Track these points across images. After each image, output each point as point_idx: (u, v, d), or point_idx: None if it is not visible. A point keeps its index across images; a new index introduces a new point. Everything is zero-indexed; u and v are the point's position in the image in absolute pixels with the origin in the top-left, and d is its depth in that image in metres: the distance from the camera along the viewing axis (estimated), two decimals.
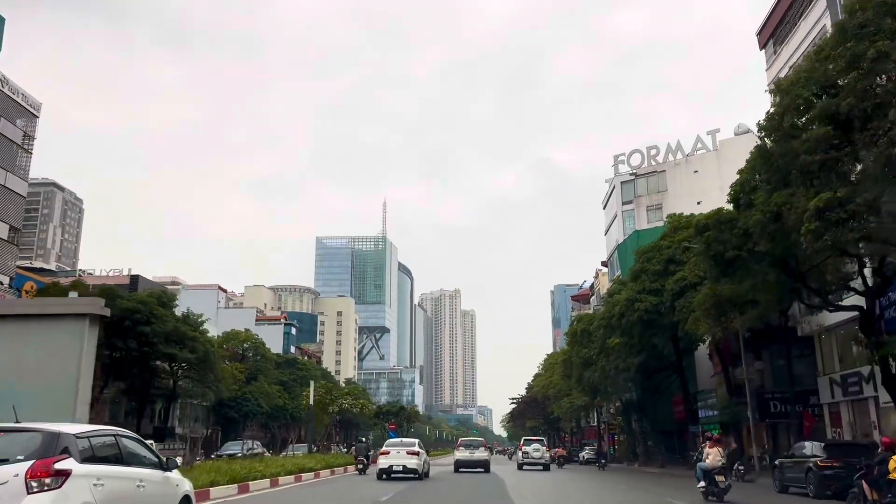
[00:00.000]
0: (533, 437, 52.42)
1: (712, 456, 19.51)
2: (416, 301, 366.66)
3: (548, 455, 44.07)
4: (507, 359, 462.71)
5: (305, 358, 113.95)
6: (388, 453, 28.53)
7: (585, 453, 61.00)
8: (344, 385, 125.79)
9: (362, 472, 34.14)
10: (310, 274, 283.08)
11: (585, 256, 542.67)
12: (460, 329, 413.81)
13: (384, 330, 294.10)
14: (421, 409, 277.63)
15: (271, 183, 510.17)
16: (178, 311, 52.55)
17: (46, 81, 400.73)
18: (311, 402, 33.91)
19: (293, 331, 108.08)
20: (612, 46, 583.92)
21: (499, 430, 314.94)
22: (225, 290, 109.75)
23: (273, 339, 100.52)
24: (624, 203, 70.17)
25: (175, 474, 10.30)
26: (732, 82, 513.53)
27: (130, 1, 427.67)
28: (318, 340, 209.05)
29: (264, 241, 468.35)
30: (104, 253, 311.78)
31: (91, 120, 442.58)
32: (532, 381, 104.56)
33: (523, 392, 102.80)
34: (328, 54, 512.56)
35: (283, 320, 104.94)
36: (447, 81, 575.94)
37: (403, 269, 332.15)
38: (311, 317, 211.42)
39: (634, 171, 69.89)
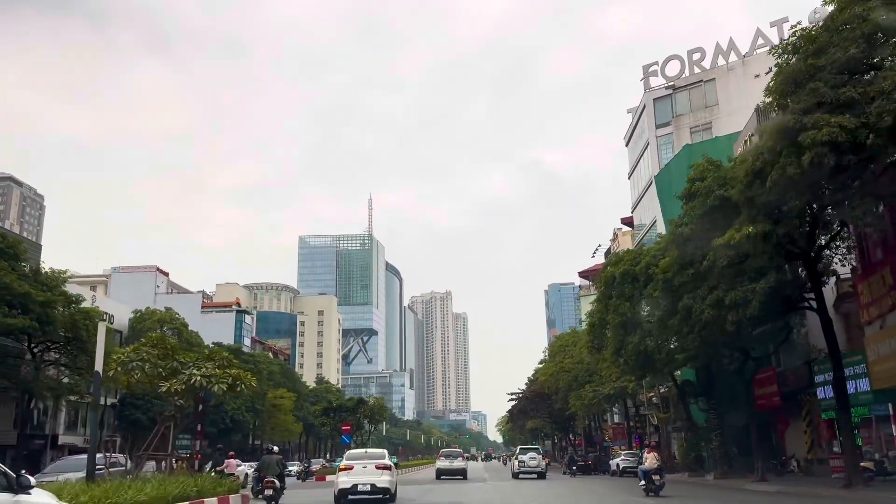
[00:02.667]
0: (528, 446, 49.82)
1: (649, 460, 23.66)
2: (405, 303, 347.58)
3: (544, 463, 42.56)
4: (501, 363, 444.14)
5: (270, 355, 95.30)
6: (350, 468, 22.07)
7: (622, 460, 42.46)
8: (313, 385, 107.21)
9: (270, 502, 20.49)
10: (293, 275, 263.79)
11: (578, 257, 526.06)
12: (452, 332, 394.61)
13: (371, 332, 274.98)
14: (412, 414, 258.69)
15: (259, 189, 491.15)
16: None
17: (31, 88, 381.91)
18: (100, 367, 16.15)
19: (248, 319, 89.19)
20: (603, 46, 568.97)
21: (494, 435, 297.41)
22: (166, 274, 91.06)
23: (223, 330, 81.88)
24: (658, 127, 52.12)
25: (36, 497, 8.08)
26: None
27: (115, 6, 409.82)
28: (297, 342, 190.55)
29: (252, 248, 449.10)
30: (83, 256, 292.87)
31: (75, 126, 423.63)
32: (535, 372, 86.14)
33: (524, 387, 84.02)
34: (316, 57, 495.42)
35: (234, 307, 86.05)
36: (436, 83, 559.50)
37: (391, 270, 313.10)
38: (289, 316, 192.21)
39: (672, 83, 51.86)
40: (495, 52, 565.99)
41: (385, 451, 25.20)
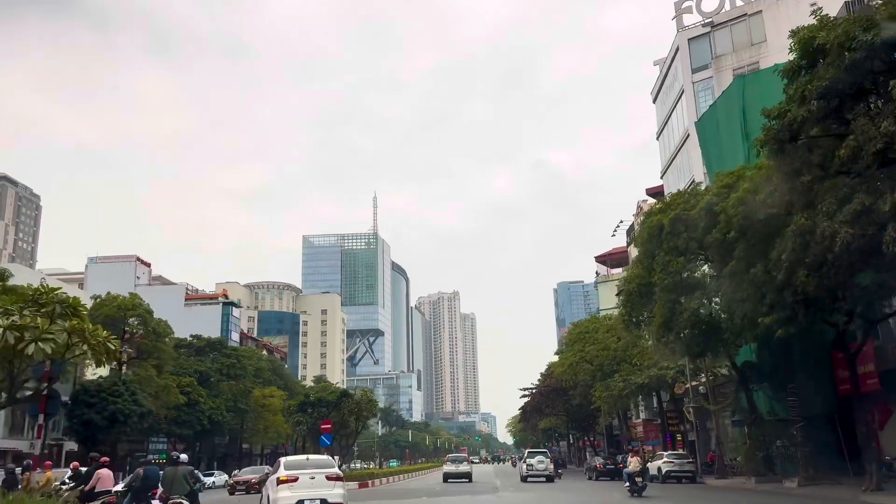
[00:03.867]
0: (536, 450, 49.26)
1: (633, 464, 25.23)
2: (412, 304, 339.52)
3: (552, 466, 41.27)
4: (511, 364, 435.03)
5: (265, 352, 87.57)
6: (294, 480, 16.44)
7: (665, 462, 34.33)
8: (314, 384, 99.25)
9: None
10: (297, 277, 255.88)
11: (587, 257, 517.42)
12: (460, 333, 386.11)
13: (378, 333, 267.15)
14: (420, 416, 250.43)
15: (262, 192, 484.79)
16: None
17: (34, 91, 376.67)
18: None
19: (235, 312, 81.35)
20: (606, 44, 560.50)
21: (504, 437, 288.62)
22: (147, 265, 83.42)
23: (209, 325, 74.28)
24: (695, 71, 44.30)
25: None
26: None
27: (118, 10, 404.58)
28: (300, 342, 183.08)
29: (256, 251, 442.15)
30: (85, 258, 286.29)
31: (79, 129, 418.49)
32: (549, 366, 78.11)
33: (537, 382, 75.83)
34: (318, 59, 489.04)
35: (220, 298, 78.26)
36: (439, 84, 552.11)
37: (397, 269, 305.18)
38: (291, 316, 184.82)
39: (710, 20, 43.95)
40: (498, 51, 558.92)
41: (331, 458, 21.28)
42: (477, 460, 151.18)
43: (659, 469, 34.57)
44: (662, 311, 25.99)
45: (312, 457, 19.12)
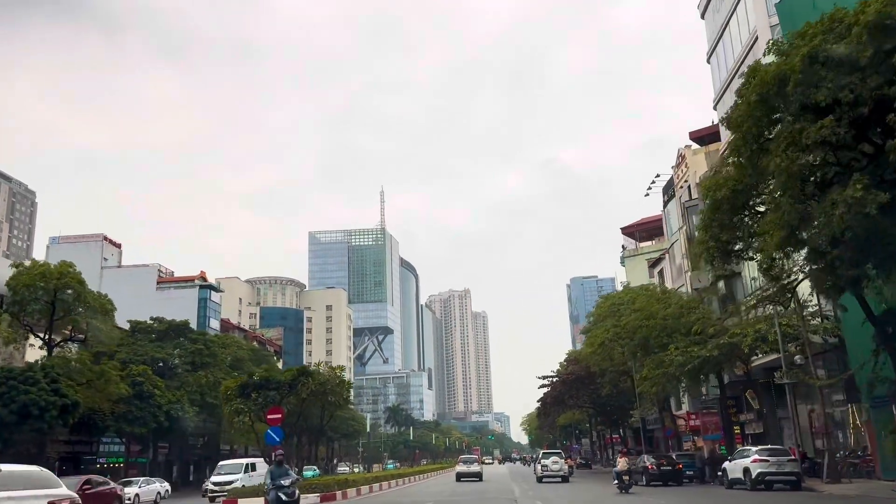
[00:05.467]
0: (551, 451, 48.49)
1: (621, 463, 27.65)
2: (423, 302, 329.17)
3: (566, 467, 41.64)
4: (523, 364, 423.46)
5: (255, 343, 77.67)
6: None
7: (755, 462, 23.81)
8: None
9: None
10: (304, 275, 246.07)
11: (599, 254, 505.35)
12: (472, 331, 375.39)
13: (387, 330, 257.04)
14: (432, 416, 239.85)
15: (271, 195, 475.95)
16: None
17: (42, 94, 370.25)
18: None
19: (214, 297, 71.22)
20: (617, 40, 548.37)
21: (517, 436, 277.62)
22: (117, 245, 73.53)
23: (184, 310, 64.42)
24: None
25: None
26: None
27: (126, 12, 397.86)
28: (304, 340, 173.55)
29: (265, 253, 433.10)
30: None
31: (86, 132, 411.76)
32: (568, 354, 67.81)
33: (557, 369, 65.30)
34: (328, 60, 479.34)
35: (197, 281, 68.29)
36: (449, 84, 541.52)
37: (407, 266, 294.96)
38: (295, 312, 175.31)
39: None
40: (507, 49, 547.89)
41: (47, 472, 15.25)
42: (490, 460, 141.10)
43: (746, 471, 24.17)
44: (785, 215, 15.72)
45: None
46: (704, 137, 47.31)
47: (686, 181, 47.28)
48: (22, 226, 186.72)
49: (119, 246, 72.60)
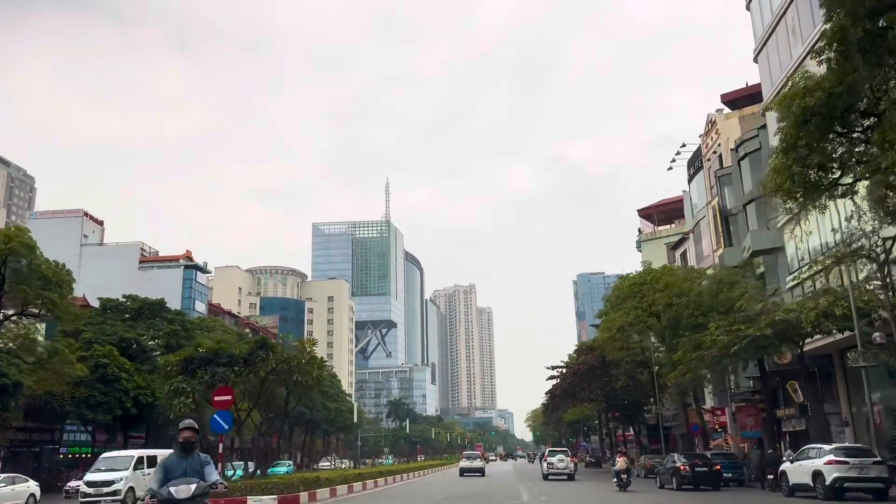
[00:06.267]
0: (556, 449, 47.63)
1: (619, 463, 28.21)
2: (428, 296, 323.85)
3: (572, 465, 40.60)
4: (528, 361, 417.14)
5: (248, 331, 72.86)
6: None
7: (834, 463, 18.63)
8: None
9: None
10: (307, 266, 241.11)
11: (607, 251, 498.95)
12: (476, 327, 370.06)
13: (390, 324, 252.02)
14: (435, 411, 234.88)
15: (279, 187, 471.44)
16: None
17: (49, 84, 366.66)
18: None
19: (201, 278, 66.20)
20: (625, 35, 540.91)
21: (521, 433, 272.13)
22: (100, 222, 68.43)
23: (168, 292, 59.52)
24: None
25: None
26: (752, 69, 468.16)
27: (136, 3, 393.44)
28: (304, 332, 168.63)
29: (270, 247, 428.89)
30: None
31: (98, 125, 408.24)
32: (581, 345, 62.72)
33: (566, 362, 60.09)
34: (336, 55, 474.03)
35: (182, 260, 63.26)
36: (456, 79, 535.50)
37: (411, 260, 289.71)
38: (296, 303, 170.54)
39: None
40: (517, 44, 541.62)
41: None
42: (493, 457, 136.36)
43: (818, 475, 19.01)
44: None
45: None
46: (738, 100, 42.13)
47: (717, 149, 42.13)
48: (20, 211, 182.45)
49: (101, 223, 67.75)
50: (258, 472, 31.68)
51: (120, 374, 39.92)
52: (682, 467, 27.70)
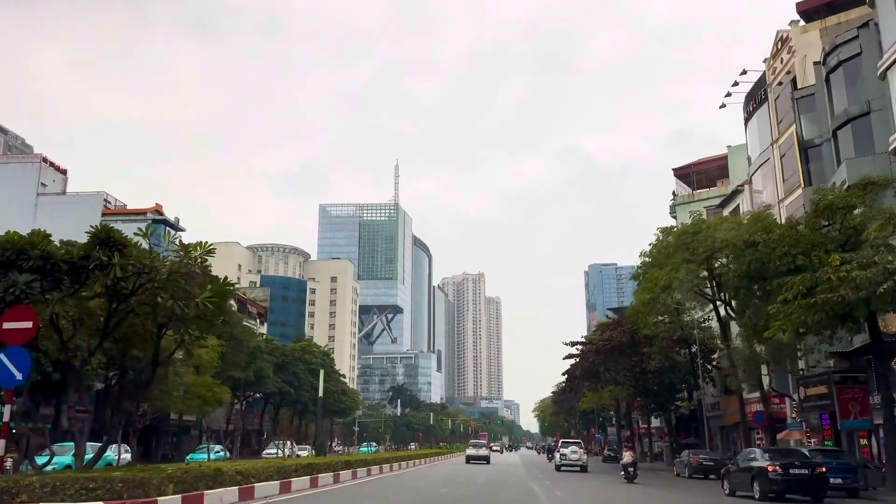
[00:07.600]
0: (570, 440, 45.56)
1: (626, 456, 29.77)
2: (436, 283, 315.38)
3: (585, 457, 39.79)
4: (536, 353, 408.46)
5: (236, 305, 64.64)
6: None
7: None
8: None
9: None
10: (313, 249, 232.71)
11: (617, 245, 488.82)
12: (484, 316, 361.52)
13: (397, 309, 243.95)
14: (440, 399, 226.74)
15: (292, 171, 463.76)
16: None
17: (68, 69, 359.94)
18: None
19: (168, 231, 57.76)
20: (644, 27, 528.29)
21: (527, 424, 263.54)
22: (63, 171, 59.98)
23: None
24: None
25: None
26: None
27: None
28: (307, 312, 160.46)
29: (281, 233, 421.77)
30: None
31: (112, 107, 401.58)
32: (600, 325, 53.98)
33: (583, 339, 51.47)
34: (352, 41, 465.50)
35: (149, 214, 54.67)
36: (474, 66, 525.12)
37: (420, 245, 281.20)
38: (298, 282, 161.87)
39: None
40: (535, 33, 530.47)
41: None
42: (496, 447, 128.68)
43: None
44: None
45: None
46: (819, 9, 33.15)
47: (790, 70, 33.21)
48: None
49: (64, 172, 59.51)
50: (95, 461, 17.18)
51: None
52: (770, 469, 19.03)
